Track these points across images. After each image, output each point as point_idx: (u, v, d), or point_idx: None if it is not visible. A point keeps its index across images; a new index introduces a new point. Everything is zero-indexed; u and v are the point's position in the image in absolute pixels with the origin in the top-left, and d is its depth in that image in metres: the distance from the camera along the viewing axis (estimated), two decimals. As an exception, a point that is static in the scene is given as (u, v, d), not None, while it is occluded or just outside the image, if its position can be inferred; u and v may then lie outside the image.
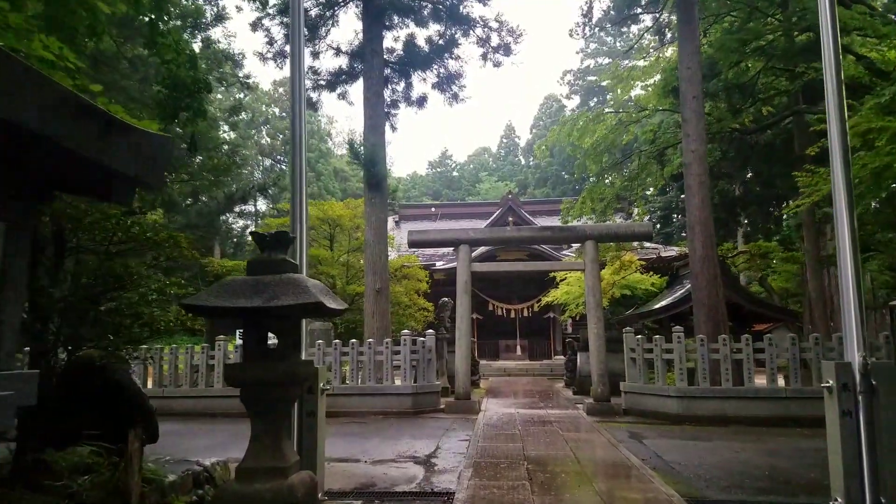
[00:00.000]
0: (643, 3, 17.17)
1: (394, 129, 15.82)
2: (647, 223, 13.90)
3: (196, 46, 17.48)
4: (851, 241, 4.60)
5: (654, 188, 19.65)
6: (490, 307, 23.59)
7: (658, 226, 31.10)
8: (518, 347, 25.15)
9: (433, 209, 33.91)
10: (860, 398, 4.32)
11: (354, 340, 11.89)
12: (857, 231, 4.68)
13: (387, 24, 14.77)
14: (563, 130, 17.96)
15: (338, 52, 15.05)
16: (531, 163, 56.93)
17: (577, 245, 23.07)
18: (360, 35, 14.50)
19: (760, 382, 10.47)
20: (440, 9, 15.01)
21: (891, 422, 4.17)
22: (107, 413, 5.05)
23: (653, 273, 19.12)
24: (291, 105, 4.89)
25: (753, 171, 21.95)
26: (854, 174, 4.82)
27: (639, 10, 17.84)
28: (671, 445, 8.04)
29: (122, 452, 4.81)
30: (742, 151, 19.92)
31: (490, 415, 11.19)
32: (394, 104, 15.57)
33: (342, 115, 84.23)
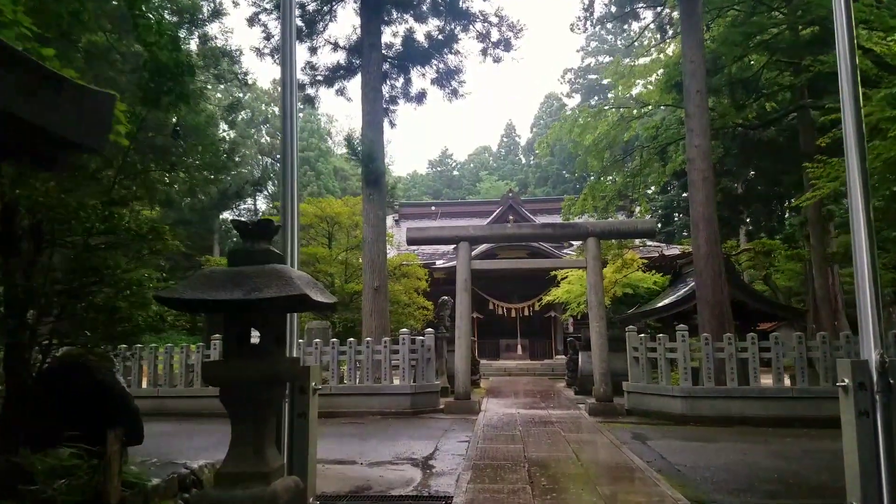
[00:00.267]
0: (644, -2, 16.97)
1: (392, 126, 15.63)
2: (651, 220, 13.69)
3: (193, 43, 17.32)
4: (868, 235, 4.41)
5: (657, 185, 19.41)
6: (490, 306, 23.40)
7: (660, 225, 30.81)
8: (519, 347, 24.95)
9: (433, 208, 33.69)
10: (877, 397, 4.15)
11: (352, 339, 11.70)
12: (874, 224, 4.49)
13: (385, 19, 14.56)
14: (565, 127, 17.76)
15: (335, 48, 14.85)
16: (532, 162, 56.74)
17: (578, 244, 22.88)
18: (359, 30, 14.30)
19: (766, 382, 10.27)
20: (439, 3, 14.80)
21: (910, 422, 3.98)
22: (89, 413, 4.86)
23: (655, 271, 18.91)
24: (283, 89, 4.69)
25: (757, 169, 21.68)
26: (867, 165, 4.60)
27: (640, 5, 17.62)
28: (676, 447, 7.85)
29: (103, 455, 4.60)
30: (745, 148, 19.66)
31: (490, 415, 10.99)
32: (392, 100, 15.36)
33: (342, 114, 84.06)
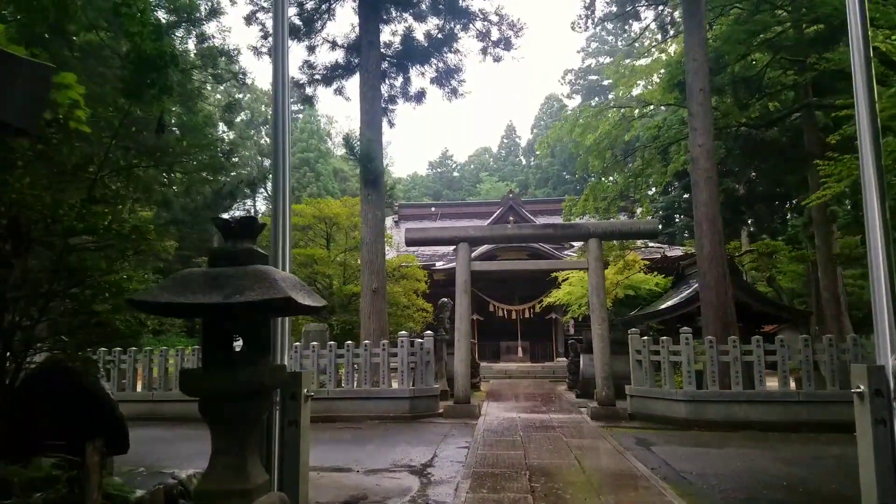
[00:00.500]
0: (646, -5, 16.80)
1: (391, 125, 15.45)
2: (653, 220, 13.49)
3: (191, 43, 17.12)
4: (884, 235, 4.22)
5: (659, 186, 19.21)
6: (490, 308, 23.19)
7: (661, 226, 30.60)
8: (519, 349, 24.73)
9: (433, 209, 33.48)
10: (895, 405, 3.97)
11: (350, 342, 11.51)
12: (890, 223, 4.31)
13: (384, 18, 14.38)
14: (565, 127, 17.58)
15: (333, 46, 14.67)
16: (532, 163, 56.57)
17: (579, 245, 22.67)
18: (357, 28, 14.12)
19: (771, 385, 10.08)
20: (439, 2, 14.61)
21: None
22: (73, 421, 4.67)
23: (657, 273, 18.69)
24: (273, 81, 4.51)
25: (759, 169, 21.48)
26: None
27: (642, 5, 17.45)
28: (681, 453, 7.65)
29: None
30: (747, 149, 19.46)
31: (490, 419, 10.79)
32: (391, 99, 15.18)
33: (342, 115, 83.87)
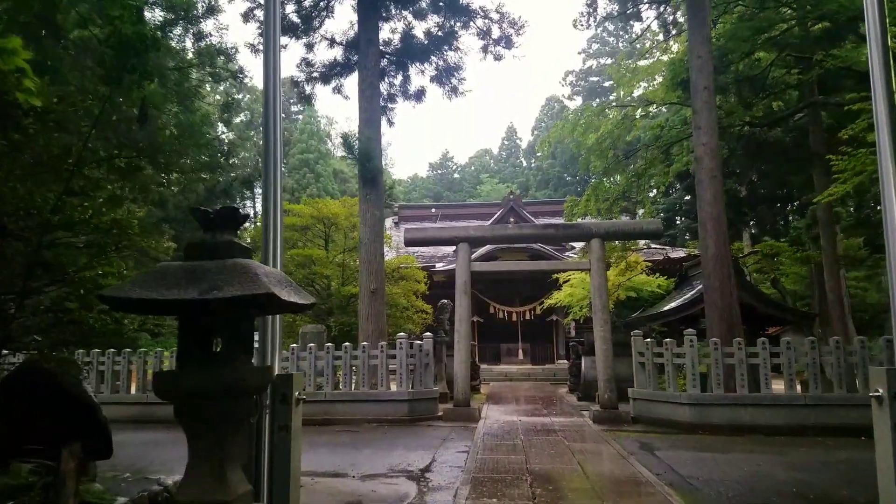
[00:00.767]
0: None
1: (391, 124, 15.27)
2: (657, 220, 13.27)
3: (188, 42, 16.94)
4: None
5: (661, 186, 19.01)
6: (491, 310, 22.98)
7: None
8: (520, 351, 24.51)
9: (433, 210, 33.30)
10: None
11: (348, 344, 11.31)
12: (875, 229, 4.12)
13: (383, 15, 14.20)
14: (567, 127, 17.39)
15: (332, 44, 14.47)
16: (533, 164, 56.39)
17: (580, 247, 22.46)
18: (356, 26, 13.94)
19: (776, 388, 9.87)
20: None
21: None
22: (53, 425, 4.48)
23: (659, 274, 18.47)
24: (265, 71, 4.32)
25: (762, 170, 21.30)
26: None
27: (644, 3, 17.26)
28: (686, 458, 7.44)
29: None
30: (750, 149, 19.29)
31: (491, 423, 10.58)
32: (391, 98, 14.99)
33: (342, 117, 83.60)
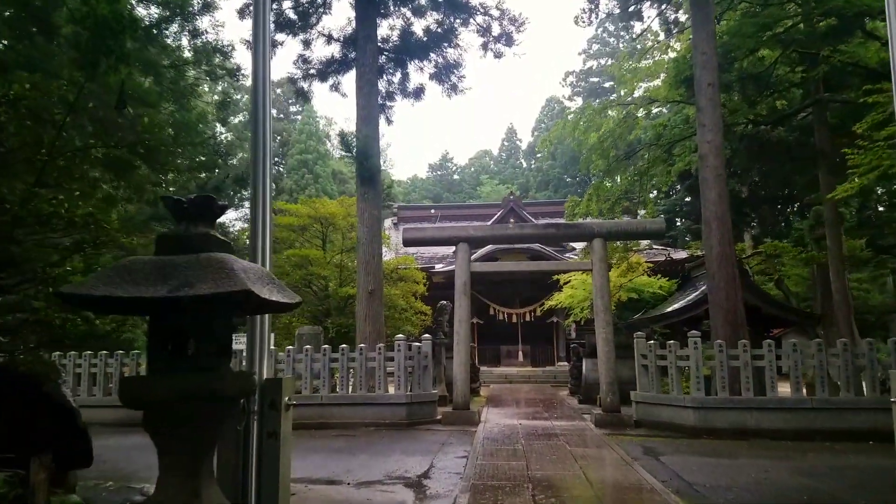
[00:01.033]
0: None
1: (389, 122, 15.05)
2: (660, 219, 13.05)
3: (184, 40, 16.70)
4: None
5: (664, 186, 18.81)
6: (491, 311, 22.75)
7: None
8: (520, 353, 24.29)
9: (432, 211, 33.06)
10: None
11: (345, 346, 11.09)
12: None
13: (382, 12, 13.99)
14: (568, 126, 17.18)
15: (329, 40, 14.24)
16: (533, 166, 56.17)
17: (581, 247, 22.24)
18: (354, 22, 13.73)
19: (782, 391, 9.65)
20: (438, -4, 14.23)
21: None
22: (30, 431, 4.25)
23: (661, 276, 18.27)
24: (253, 56, 4.11)
25: (764, 170, 21.06)
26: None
27: (646, 1, 17.05)
28: (692, 463, 7.21)
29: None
30: (752, 149, 19.07)
31: (490, 426, 10.35)
32: (389, 96, 14.77)
33: (341, 117, 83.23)
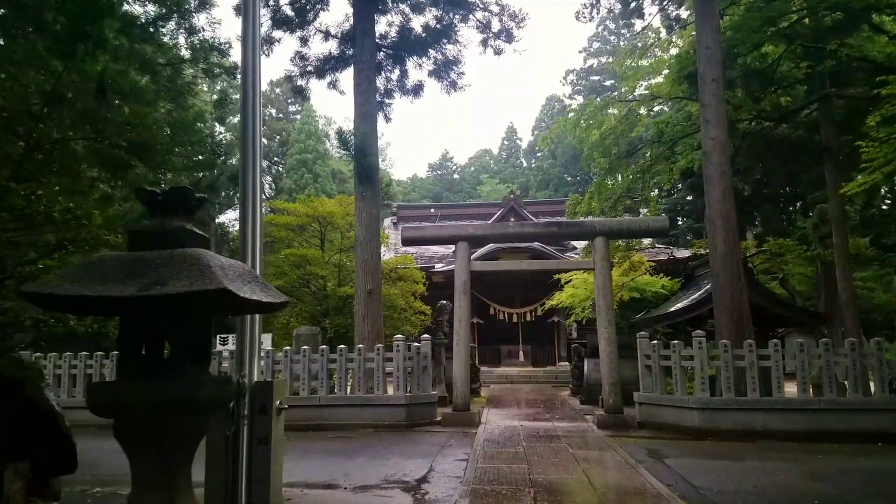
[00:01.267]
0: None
1: (388, 120, 14.87)
2: (663, 217, 12.86)
3: (181, 38, 16.51)
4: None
5: (667, 184, 18.63)
6: (491, 311, 22.58)
7: (666, 225, 29.97)
8: (521, 353, 24.12)
9: (432, 210, 32.90)
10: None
11: (343, 346, 10.92)
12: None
13: (380, 8, 13.81)
14: (569, 123, 17.00)
15: (327, 36, 14.06)
16: (533, 165, 55.97)
17: (582, 246, 22.06)
18: (351, 19, 13.56)
19: (789, 392, 9.47)
20: (437, -8, 14.04)
21: None
22: (10, 437, 4.08)
23: (663, 275, 18.07)
24: (243, 53, 3.94)
25: (768, 168, 20.88)
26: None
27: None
28: (698, 466, 7.04)
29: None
30: (755, 147, 18.89)
31: (491, 428, 10.17)
32: (388, 93, 14.58)
33: (340, 117, 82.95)
